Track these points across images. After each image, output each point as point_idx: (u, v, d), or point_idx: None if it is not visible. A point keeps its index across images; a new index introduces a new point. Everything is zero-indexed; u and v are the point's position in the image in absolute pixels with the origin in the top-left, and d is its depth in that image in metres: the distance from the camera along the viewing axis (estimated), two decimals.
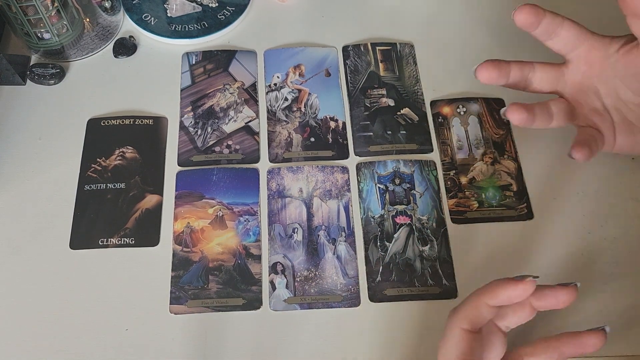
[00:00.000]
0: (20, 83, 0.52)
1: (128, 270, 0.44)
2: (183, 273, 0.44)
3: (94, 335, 0.41)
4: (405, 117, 0.51)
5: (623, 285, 0.44)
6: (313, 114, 0.51)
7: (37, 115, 0.50)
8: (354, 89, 0.52)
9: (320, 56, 0.54)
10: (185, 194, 0.47)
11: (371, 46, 0.55)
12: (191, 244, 0.45)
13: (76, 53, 0.53)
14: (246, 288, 0.43)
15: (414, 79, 0.53)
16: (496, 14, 0.57)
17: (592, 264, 0.44)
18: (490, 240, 0.45)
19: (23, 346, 0.41)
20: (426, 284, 0.44)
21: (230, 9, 0.56)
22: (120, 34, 0.55)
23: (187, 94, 0.52)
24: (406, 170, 0.48)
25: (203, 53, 0.54)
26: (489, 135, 0.50)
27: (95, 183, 0.47)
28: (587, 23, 0.43)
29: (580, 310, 0.42)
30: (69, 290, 0.43)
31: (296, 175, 0.48)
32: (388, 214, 0.46)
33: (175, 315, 0.42)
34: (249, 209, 0.46)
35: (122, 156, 0.48)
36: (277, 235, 0.45)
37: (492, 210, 0.47)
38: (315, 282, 0.44)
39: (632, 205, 0.47)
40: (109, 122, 0.50)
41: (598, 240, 0.45)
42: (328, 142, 0.50)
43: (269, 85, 0.52)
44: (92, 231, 0.45)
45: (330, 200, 0.47)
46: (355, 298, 0.43)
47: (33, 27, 0.49)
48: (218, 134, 0.50)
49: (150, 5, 0.56)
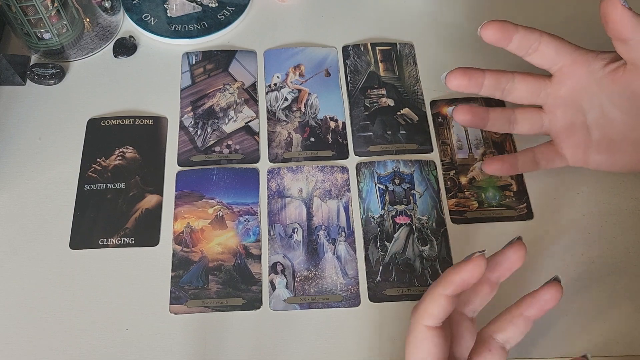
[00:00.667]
0: (20, 83, 0.52)
1: (128, 270, 0.44)
2: (183, 273, 0.44)
3: (94, 335, 0.41)
4: (405, 117, 0.51)
5: (623, 285, 0.44)
6: (313, 114, 0.51)
7: (37, 115, 0.50)
8: (353, 89, 0.52)
9: (320, 56, 0.54)
10: (185, 194, 0.47)
11: (371, 46, 0.55)
12: (191, 244, 0.45)
13: (76, 53, 0.53)
14: (246, 288, 0.43)
15: (414, 79, 0.53)
16: (496, 13, 0.57)
17: (592, 264, 0.44)
18: (490, 240, 0.45)
19: (23, 346, 0.41)
20: (426, 284, 0.44)
21: (230, 9, 0.56)
22: (120, 34, 0.55)
23: (187, 94, 0.52)
24: (406, 170, 0.48)
25: (203, 53, 0.54)
26: (489, 135, 0.50)
27: (95, 183, 0.47)
28: (586, 25, 0.43)
29: (580, 310, 0.43)
30: (69, 290, 0.43)
31: (296, 175, 0.48)
32: (388, 214, 0.46)
33: (175, 315, 0.42)
34: (249, 209, 0.46)
35: (122, 156, 0.48)
36: (277, 235, 0.45)
37: (492, 210, 0.47)
38: (315, 282, 0.44)
39: (632, 205, 0.47)
40: (109, 122, 0.50)
41: (598, 240, 0.45)
42: (328, 142, 0.50)
43: (269, 85, 0.52)
44: (92, 231, 0.45)
45: (330, 200, 0.47)
46: (355, 298, 0.43)
47: (33, 27, 0.49)
48: (218, 134, 0.50)
49: (150, 5, 0.56)
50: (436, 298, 0.34)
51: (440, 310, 0.34)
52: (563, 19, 0.57)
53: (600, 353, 0.41)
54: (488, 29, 0.42)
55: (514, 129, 0.46)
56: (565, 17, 0.57)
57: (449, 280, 0.34)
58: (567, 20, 0.56)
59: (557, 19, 0.56)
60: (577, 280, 0.44)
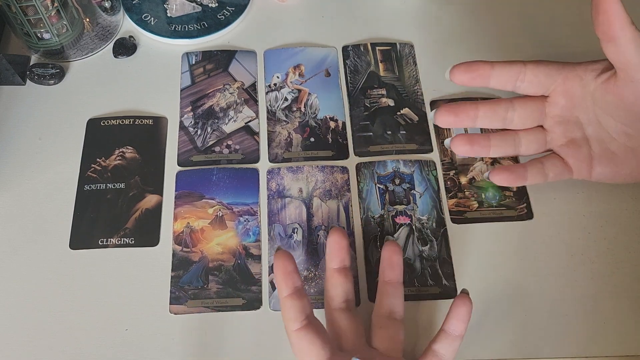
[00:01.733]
0: (20, 83, 0.52)
1: (128, 270, 0.44)
2: (183, 273, 0.44)
3: (94, 335, 0.41)
4: (405, 117, 0.51)
5: (623, 285, 0.44)
6: (313, 114, 0.51)
7: (37, 115, 0.50)
8: (353, 89, 0.52)
9: (320, 56, 0.54)
10: (185, 194, 0.47)
11: (371, 46, 0.55)
12: (191, 244, 0.45)
13: (76, 53, 0.53)
14: (246, 288, 0.43)
15: (413, 79, 0.53)
16: (496, 13, 0.57)
17: (592, 264, 0.44)
18: (490, 240, 0.45)
19: (23, 346, 0.41)
20: (426, 284, 0.44)
21: (230, 9, 0.56)
22: (120, 34, 0.55)
23: (187, 94, 0.52)
24: (406, 170, 0.48)
25: (203, 53, 0.54)
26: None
27: (95, 183, 0.47)
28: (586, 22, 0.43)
29: (580, 310, 0.43)
30: (69, 290, 0.43)
31: (296, 175, 0.48)
32: (388, 214, 0.46)
33: (175, 315, 0.42)
34: (249, 209, 0.46)
35: (122, 156, 0.48)
36: (277, 235, 0.45)
37: (492, 210, 0.47)
38: (315, 282, 0.44)
39: (632, 205, 0.47)
40: (109, 122, 0.50)
41: (598, 240, 0.45)
42: (328, 142, 0.50)
43: (269, 85, 0.52)
44: (92, 231, 0.45)
45: (330, 200, 0.47)
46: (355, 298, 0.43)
47: (33, 27, 0.49)
48: (218, 134, 0.50)
49: (150, 5, 0.56)
50: (283, 303, 0.37)
51: (293, 311, 0.37)
52: (561, 16, 0.57)
53: (601, 353, 0.41)
54: (455, 72, 0.42)
55: (520, 152, 0.45)
56: (564, 15, 0.57)
57: (279, 283, 0.37)
58: (566, 17, 0.57)
59: (557, 19, 0.57)
60: (577, 281, 0.44)
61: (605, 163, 0.43)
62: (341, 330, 0.39)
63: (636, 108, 0.40)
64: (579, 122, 0.43)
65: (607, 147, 0.42)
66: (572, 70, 0.42)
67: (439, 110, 0.44)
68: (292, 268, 0.37)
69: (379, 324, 0.40)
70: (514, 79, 0.42)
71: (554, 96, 0.43)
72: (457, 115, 0.43)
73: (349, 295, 0.40)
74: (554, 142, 0.44)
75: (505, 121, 0.44)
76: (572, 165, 0.44)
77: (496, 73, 0.42)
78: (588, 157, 0.43)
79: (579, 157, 0.43)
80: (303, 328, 0.36)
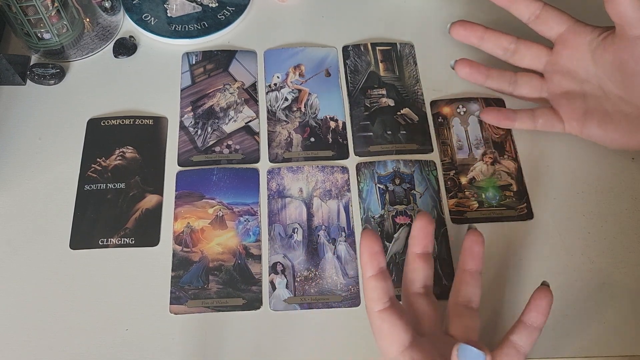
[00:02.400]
0: (20, 83, 0.52)
1: (128, 270, 0.44)
2: (183, 273, 0.44)
3: (94, 335, 0.41)
4: (405, 117, 0.51)
5: (623, 285, 0.44)
6: (313, 114, 0.51)
7: (37, 115, 0.50)
8: (354, 89, 0.52)
9: (320, 56, 0.54)
10: (185, 194, 0.47)
11: (371, 46, 0.55)
12: (191, 244, 0.45)
13: (76, 53, 0.53)
14: (246, 288, 0.43)
15: (414, 79, 0.53)
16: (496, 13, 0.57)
17: (591, 264, 0.44)
18: (490, 240, 0.45)
19: (23, 346, 0.41)
20: None
21: (230, 9, 0.56)
22: (120, 34, 0.55)
23: (187, 94, 0.52)
24: (406, 171, 0.48)
25: (203, 53, 0.54)
26: (489, 135, 0.50)
27: (95, 183, 0.47)
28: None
29: (580, 311, 0.43)
30: (69, 290, 0.43)
31: (296, 175, 0.48)
32: (388, 214, 0.46)
33: (175, 315, 0.42)
34: (249, 209, 0.46)
35: (122, 156, 0.48)
36: (277, 235, 0.45)
37: (492, 211, 0.47)
38: (315, 282, 0.44)
39: (632, 205, 0.47)
40: (109, 122, 0.50)
41: (598, 241, 0.45)
42: (328, 142, 0.50)
43: (269, 85, 0.52)
44: (92, 231, 0.45)
45: (330, 200, 0.47)
46: (355, 298, 0.43)
47: (33, 27, 0.49)
48: (218, 134, 0.50)
49: (150, 5, 0.56)
50: (367, 283, 0.36)
51: (377, 292, 0.35)
52: None
53: (600, 353, 0.41)
54: (455, 26, 0.48)
55: (514, 91, 0.48)
56: None
57: (364, 264, 0.36)
58: None
59: None
60: (577, 281, 0.44)
61: (598, 122, 0.44)
62: (419, 314, 0.38)
63: (629, 69, 0.41)
64: (578, 77, 0.45)
65: (601, 106, 0.44)
66: (583, 27, 0.45)
67: (454, 24, 0.49)
68: (378, 249, 0.36)
69: (456, 312, 0.39)
70: (530, 13, 0.46)
71: (559, 45, 0.45)
72: (468, 30, 0.48)
73: (428, 281, 0.39)
74: (550, 90, 0.46)
75: (507, 52, 0.48)
76: (564, 116, 0.46)
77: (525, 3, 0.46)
78: (581, 111, 0.45)
79: (571, 110, 0.45)
80: (386, 309, 0.35)
